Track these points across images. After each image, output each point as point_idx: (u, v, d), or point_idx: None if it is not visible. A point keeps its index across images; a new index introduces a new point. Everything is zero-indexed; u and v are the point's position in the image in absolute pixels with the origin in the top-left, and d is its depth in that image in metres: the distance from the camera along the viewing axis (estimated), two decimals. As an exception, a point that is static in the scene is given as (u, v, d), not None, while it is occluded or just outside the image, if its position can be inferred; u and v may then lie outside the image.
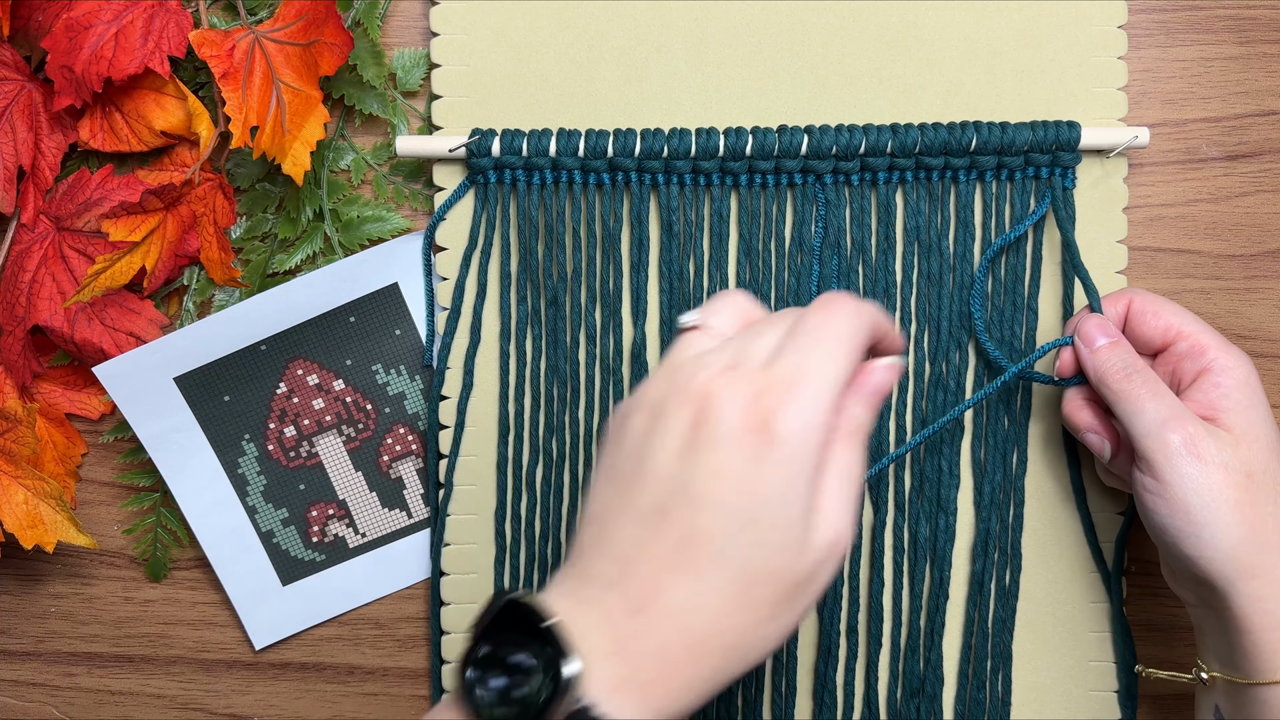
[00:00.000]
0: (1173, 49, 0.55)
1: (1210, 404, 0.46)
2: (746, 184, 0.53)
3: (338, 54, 0.52)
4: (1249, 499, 0.43)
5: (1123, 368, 0.47)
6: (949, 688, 0.55)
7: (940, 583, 0.54)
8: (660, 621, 0.35)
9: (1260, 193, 0.55)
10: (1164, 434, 0.44)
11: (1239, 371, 0.47)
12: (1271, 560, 0.43)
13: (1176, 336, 0.48)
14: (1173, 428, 0.44)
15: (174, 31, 0.51)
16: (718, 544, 0.35)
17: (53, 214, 0.54)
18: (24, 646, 0.59)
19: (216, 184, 0.54)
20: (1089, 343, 0.48)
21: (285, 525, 0.57)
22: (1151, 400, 0.45)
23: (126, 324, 0.55)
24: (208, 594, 0.59)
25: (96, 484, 0.58)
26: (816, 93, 0.54)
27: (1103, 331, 0.48)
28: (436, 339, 0.55)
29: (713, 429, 0.36)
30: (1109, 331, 0.48)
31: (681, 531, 0.36)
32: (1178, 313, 0.49)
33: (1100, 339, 0.48)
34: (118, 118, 0.53)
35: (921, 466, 0.54)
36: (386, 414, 0.56)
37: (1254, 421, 0.45)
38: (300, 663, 0.59)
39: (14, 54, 0.53)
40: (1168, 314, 0.49)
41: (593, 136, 0.52)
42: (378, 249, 0.54)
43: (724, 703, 0.55)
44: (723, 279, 0.54)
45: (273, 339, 0.55)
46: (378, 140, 0.56)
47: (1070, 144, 0.52)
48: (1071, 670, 0.55)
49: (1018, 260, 0.54)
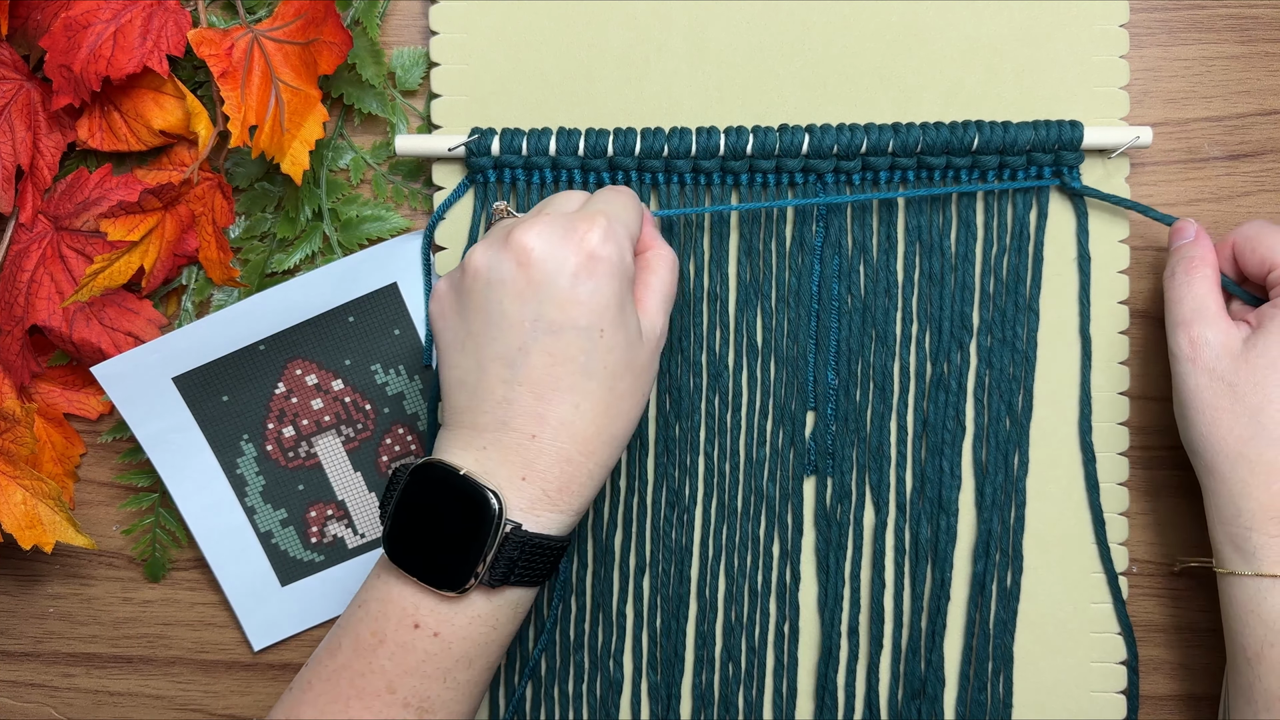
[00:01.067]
0: (1175, 48, 0.55)
1: (1261, 317, 0.48)
2: (747, 183, 0.53)
3: (337, 53, 0.52)
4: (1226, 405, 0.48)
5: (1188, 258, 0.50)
6: (950, 689, 0.55)
7: (941, 584, 0.54)
8: (553, 438, 0.42)
9: (1262, 192, 0.55)
10: (1177, 334, 0.49)
11: None
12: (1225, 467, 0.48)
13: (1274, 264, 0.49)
14: (1185, 329, 0.49)
15: (172, 30, 0.51)
16: (581, 359, 0.42)
17: (51, 213, 0.54)
18: (22, 647, 0.59)
19: (215, 183, 0.54)
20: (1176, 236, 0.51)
21: (284, 526, 0.57)
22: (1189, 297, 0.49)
23: (125, 324, 0.55)
24: (206, 595, 0.58)
25: (95, 484, 0.58)
26: (817, 92, 0.53)
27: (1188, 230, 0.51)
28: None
29: (542, 267, 0.42)
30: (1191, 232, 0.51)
31: (546, 360, 0.42)
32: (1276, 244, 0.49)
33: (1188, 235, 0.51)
34: (116, 117, 0.53)
35: (923, 467, 0.54)
36: (385, 414, 0.56)
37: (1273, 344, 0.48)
38: (299, 663, 0.58)
39: (12, 53, 0.53)
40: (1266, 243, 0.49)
41: (593, 136, 0.52)
42: (377, 249, 0.54)
43: (725, 704, 0.55)
44: (723, 279, 0.54)
45: (271, 339, 0.55)
46: (377, 139, 0.56)
47: (1073, 143, 0.52)
48: (1073, 671, 0.55)
49: (1018, 260, 0.53)
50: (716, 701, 0.55)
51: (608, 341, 0.42)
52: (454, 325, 0.44)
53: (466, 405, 0.43)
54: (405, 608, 0.42)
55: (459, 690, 0.43)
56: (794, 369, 0.54)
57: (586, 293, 0.42)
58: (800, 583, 0.55)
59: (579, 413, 0.42)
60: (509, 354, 0.42)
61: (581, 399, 0.42)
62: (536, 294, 0.42)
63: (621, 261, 0.43)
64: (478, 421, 0.43)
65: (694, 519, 0.55)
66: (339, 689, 0.42)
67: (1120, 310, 0.54)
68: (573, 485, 0.43)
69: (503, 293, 0.42)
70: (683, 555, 0.55)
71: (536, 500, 0.42)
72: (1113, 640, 0.55)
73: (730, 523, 0.54)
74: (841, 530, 0.54)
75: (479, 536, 0.41)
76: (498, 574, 0.42)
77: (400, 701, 0.42)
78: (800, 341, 0.54)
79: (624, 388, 0.43)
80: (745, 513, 0.54)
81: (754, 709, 0.55)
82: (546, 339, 0.42)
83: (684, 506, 0.55)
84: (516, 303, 0.42)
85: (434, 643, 0.42)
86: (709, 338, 0.54)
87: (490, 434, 0.42)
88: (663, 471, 0.54)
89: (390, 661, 0.42)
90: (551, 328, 0.42)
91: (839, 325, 0.54)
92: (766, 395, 0.54)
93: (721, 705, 0.55)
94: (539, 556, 0.42)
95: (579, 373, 0.42)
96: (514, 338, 0.42)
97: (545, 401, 0.42)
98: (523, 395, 0.42)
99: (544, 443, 0.42)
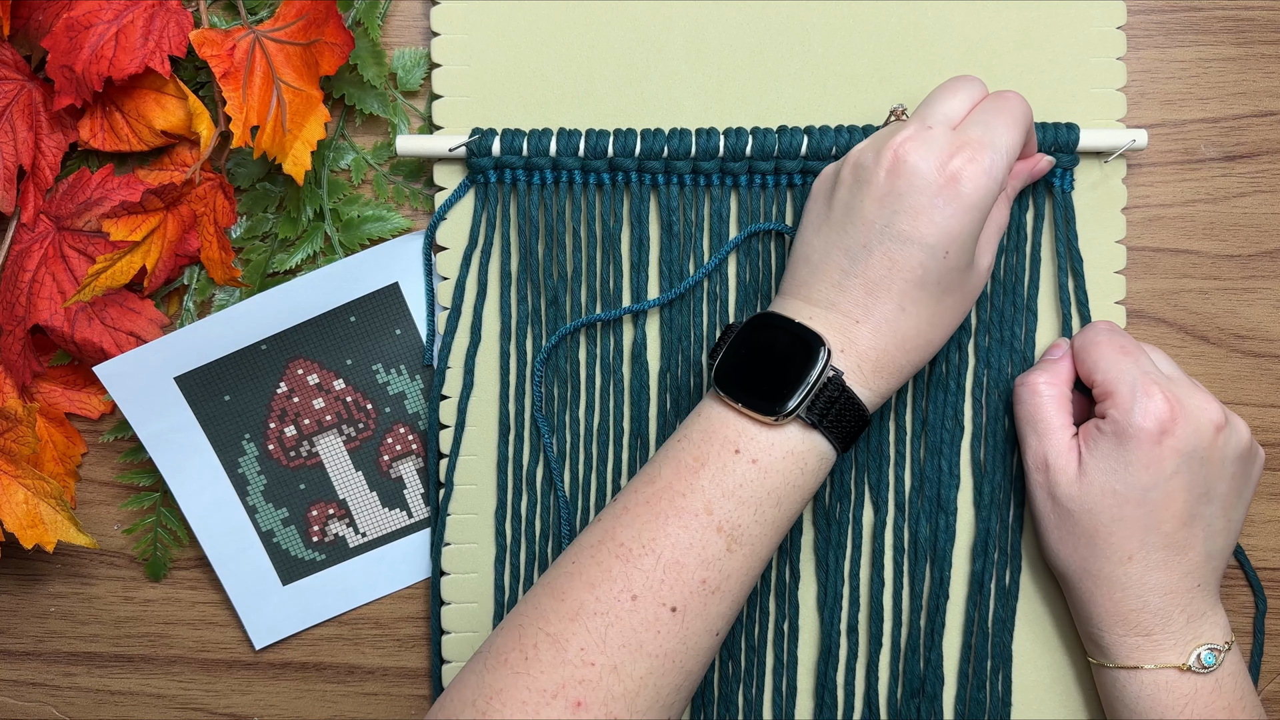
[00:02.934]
0: (1171, 50, 0.55)
1: (1087, 435, 0.50)
2: (746, 184, 0.53)
3: (338, 54, 0.52)
4: (1068, 529, 0.50)
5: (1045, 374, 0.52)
6: (949, 687, 0.55)
7: (940, 582, 0.54)
8: (876, 329, 0.45)
9: (1258, 193, 0.55)
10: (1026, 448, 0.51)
11: None
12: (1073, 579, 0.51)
13: (1094, 382, 0.50)
14: (1031, 447, 0.51)
15: (174, 31, 0.51)
16: (919, 272, 0.45)
17: (53, 214, 0.54)
18: (24, 646, 0.59)
19: (217, 183, 0.54)
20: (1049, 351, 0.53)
21: (285, 525, 0.57)
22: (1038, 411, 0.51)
23: (127, 324, 0.55)
24: (208, 594, 0.59)
25: (96, 484, 0.58)
26: (816, 93, 0.54)
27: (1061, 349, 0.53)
28: (437, 339, 0.55)
29: (909, 180, 0.44)
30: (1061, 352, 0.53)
31: (886, 263, 0.45)
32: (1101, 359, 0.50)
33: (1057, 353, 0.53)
34: (118, 117, 0.53)
35: (922, 467, 0.54)
36: (387, 413, 0.56)
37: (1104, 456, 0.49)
38: (300, 662, 0.59)
39: (14, 53, 0.53)
40: (1090, 360, 0.51)
41: (593, 136, 0.52)
42: (378, 249, 0.54)
43: (725, 702, 0.55)
44: (722, 279, 0.54)
45: (273, 339, 0.55)
46: (378, 140, 0.56)
47: (1069, 146, 0.52)
48: (1071, 670, 0.55)
49: (1018, 260, 0.54)
50: (716, 700, 0.55)
51: (950, 263, 0.45)
52: (819, 207, 0.48)
53: (805, 280, 0.47)
54: (728, 434, 0.45)
55: (765, 528, 0.45)
56: (793, 368, 0.54)
57: (943, 216, 0.44)
58: (800, 581, 0.55)
59: (903, 314, 0.45)
60: (853, 248, 0.45)
61: (909, 304, 0.45)
62: (896, 202, 0.44)
63: (986, 199, 0.44)
64: (811, 295, 0.46)
65: (694, 518, 0.55)
66: (658, 508, 0.45)
67: (1117, 310, 0.54)
68: (884, 371, 0.46)
69: (867, 193, 0.45)
70: (683, 554, 0.55)
71: (853, 370, 0.45)
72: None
73: (730, 522, 0.55)
74: (841, 529, 0.54)
75: (805, 370, 0.44)
76: (815, 413, 0.44)
77: (715, 524, 0.44)
78: (800, 341, 0.54)
79: (951, 302, 0.46)
80: (745, 512, 0.55)
81: (753, 707, 0.55)
82: (891, 244, 0.45)
83: (684, 505, 0.55)
84: (875, 205, 0.45)
85: (752, 469, 0.44)
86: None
87: (820, 309, 0.46)
88: (663, 471, 0.55)
89: (710, 483, 0.44)
90: (899, 236, 0.44)
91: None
92: (766, 395, 0.54)
93: (721, 704, 0.55)
94: (848, 414, 0.45)
95: (913, 282, 0.45)
96: (862, 234, 0.45)
97: (874, 297, 0.45)
98: (855, 286, 0.45)
99: (865, 329, 0.45)
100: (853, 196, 0.46)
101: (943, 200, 0.44)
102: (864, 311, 0.45)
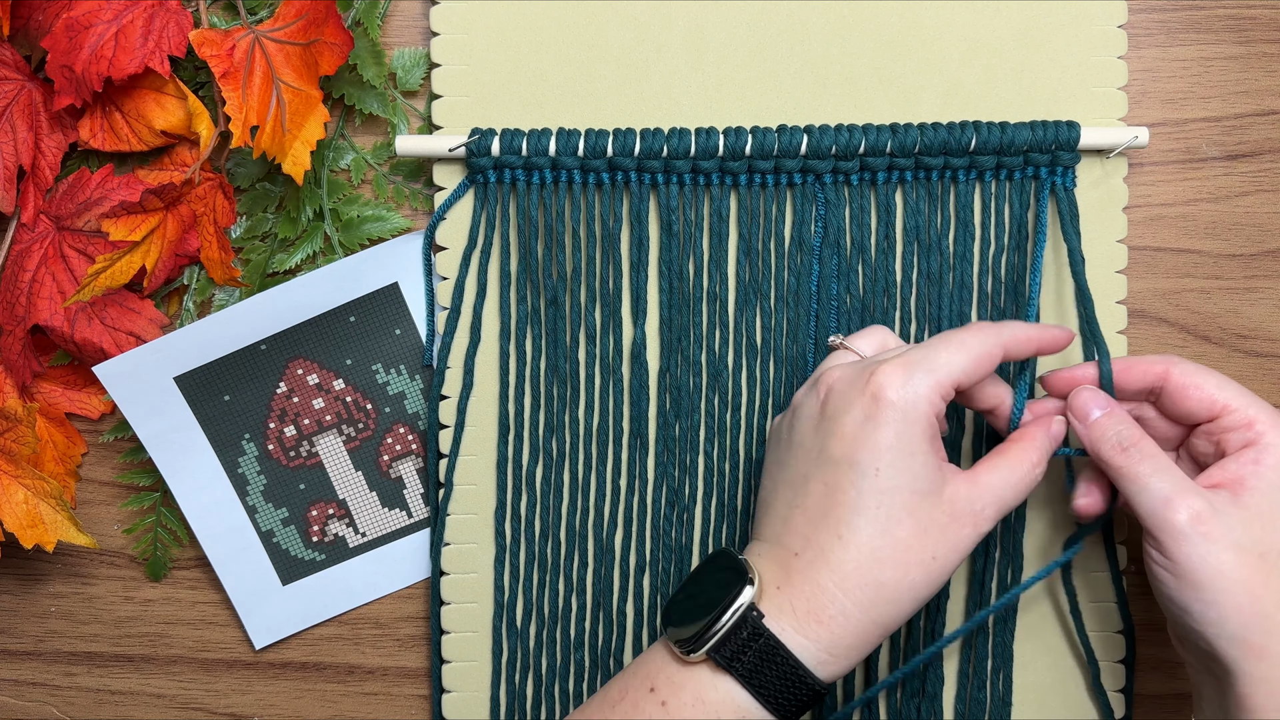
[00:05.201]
0: (1173, 49, 0.55)
1: (1240, 477, 0.44)
2: (746, 184, 0.53)
3: (338, 53, 0.52)
4: (1260, 579, 0.42)
5: (1118, 441, 0.45)
6: (949, 687, 0.55)
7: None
8: (812, 562, 0.43)
9: (1260, 192, 0.55)
10: (1168, 513, 0.42)
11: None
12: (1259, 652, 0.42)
13: (1223, 411, 0.45)
14: (1176, 506, 0.42)
15: (174, 31, 0.51)
16: (852, 494, 0.43)
17: (53, 213, 0.54)
18: (24, 646, 0.59)
19: (216, 183, 0.54)
20: (1083, 418, 0.46)
21: (285, 525, 0.57)
22: (1154, 477, 0.43)
23: (126, 323, 0.55)
24: (208, 594, 0.59)
25: (96, 484, 0.58)
26: (816, 92, 0.54)
27: (1096, 403, 0.46)
28: (436, 338, 0.55)
29: (836, 403, 0.44)
30: (1102, 403, 0.46)
31: (822, 490, 0.44)
32: (1222, 385, 0.46)
33: (1095, 411, 0.46)
34: (118, 117, 0.53)
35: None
36: (386, 413, 0.56)
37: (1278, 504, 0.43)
38: (300, 662, 0.59)
39: (14, 53, 0.53)
40: (1211, 387, 0.46)
41: (592, 136, 0.52)
42: (378, 249, 0.54)
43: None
44: (722, 279, 0.54)
45: (273, 339, 0.55)
46: (378, 140, 0.56)
47: (1070, 144, 0.52)
48: (1072, 670, 0.55)
49: (1018, 260, 0.54)
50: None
51: (884, 483, 0.43)
52: (771, 450, 0.49)
53: (759, 519, 0.47)
54: (650, 670, 0.45)
55: None
56: (793, 369, 0.54)
57: (865, 431, 0.43)
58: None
59: (841, 544, 0.43)
60: (795, 480, 0.45)
61: (846, 531, 0.43)
62: (828, 425, 0.44)
63: (910, 410, 0.43)
64: (761, 533, 0.46)
65: (694, 519, 0.55)
66: None
67: (1119, 310, 0.54)
68: (822, 615, 0.42)
69: (805, 425, 0.46)
70: (683, 554, 0.55)
71: (784, 609, 0.43)
72: (1112, 639, 0.55)
73: (730, 522, 0.55)
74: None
75: (722, 605, 0.43)
76: (725, 652, 0.42)
77: None
78: (799, 341, 0.54)
79: (903, 535, 0.43)
80: (745, 512, 0.55)
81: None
82: (825, 469, 0.44)
83: (684, 506, 0.55)
84: (811, 433, 0.45)
85: (659, 712, 0.43)
86: (709, 338, 0.54)
87: (766, 544, 0.45)
88: (663, 471, 0.55)
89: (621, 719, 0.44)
90: (831, 459, 0.44)
91: (838, 325, 0.54)
92: (766, 395, 0.54)
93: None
94: (769, 663, 0.42)
95: (849, 507, 0.43)
96: (802, 465, 0.45)
97: (815, 526, 0.44)
98: (798, 517, 0.44)
99: (803, 561, 0.43)
100: (792, 432, 0.46)
101: (863, 414, 0.43)
102: (804, 543, 0.44)
